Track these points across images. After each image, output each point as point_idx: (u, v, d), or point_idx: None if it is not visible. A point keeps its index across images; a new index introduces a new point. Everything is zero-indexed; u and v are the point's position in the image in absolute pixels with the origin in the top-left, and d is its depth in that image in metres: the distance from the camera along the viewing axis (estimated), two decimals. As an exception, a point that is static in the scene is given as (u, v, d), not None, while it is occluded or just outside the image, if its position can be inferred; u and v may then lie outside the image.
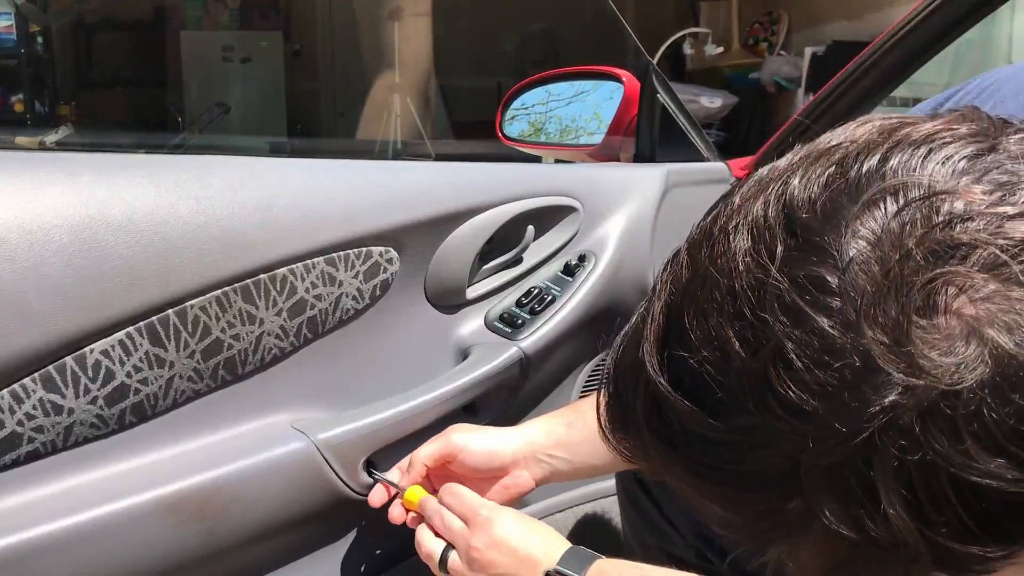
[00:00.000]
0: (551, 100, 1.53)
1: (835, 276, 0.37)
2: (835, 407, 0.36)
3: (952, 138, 0.39)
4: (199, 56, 6.10)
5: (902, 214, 0.37)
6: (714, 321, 0.39)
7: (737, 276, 0.39)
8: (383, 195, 0.94)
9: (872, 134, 0.41)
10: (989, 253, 0.35)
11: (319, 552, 0.92)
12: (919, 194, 0.37)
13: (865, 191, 0.38)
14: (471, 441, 0.87)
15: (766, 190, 0.41)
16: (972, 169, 0.38)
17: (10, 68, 5.81)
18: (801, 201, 0.39)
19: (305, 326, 0.88)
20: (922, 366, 0.35)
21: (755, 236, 0.39)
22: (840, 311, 0.36)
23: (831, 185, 0.39)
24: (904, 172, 0.38)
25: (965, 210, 0.36)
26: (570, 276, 1.09)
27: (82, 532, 0.73)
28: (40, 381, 0.72)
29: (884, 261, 0.36)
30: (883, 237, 0.36)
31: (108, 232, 0.74)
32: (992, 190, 0.37)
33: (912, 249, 0.36)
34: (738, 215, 0.41)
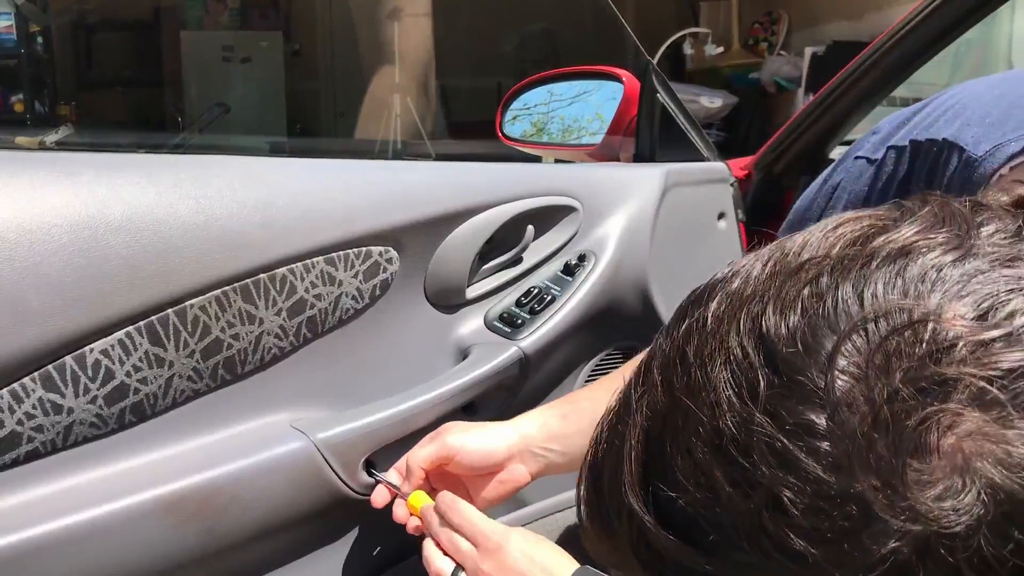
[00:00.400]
0: (551, 100, 1.53)
1: (823, 418, 0.35)
2: (833, 554, 0.35)
3: (927, 247, 0.38)
4: (199, 56, 6.11)
5: (885, 345, 0.35)
6: (700, 460, 0.38)
7: (721, 414, 0.37)
8: (383, 195, 0.94)
9: (845, 247, 0.40)
10: (977, 388, 0.34)
11: (319, 552, 0.92)
12: (901, 322, 0.36)
13: (844, 319, 0.37)
14: (466, 441, 0.87)
15: (739, 313, 0.39)
16: (951, 284, 0.37)
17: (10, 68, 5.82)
18: (779, 333, 0.37)
19: (305, 326, 0.88)
20: (919, 511, 0.34)
21: (735, 370, 0.38)
22: (831, 455, 0.35)
23: (808, 311, 0.37)
24: (883, 295, 0.37)
25: (949, 337, 0.35)
26: (570, 276, 1.09)
27: (82, 532, 0.73)
28: (40, 380, 0.72)
29: (872, 401, 0.35)
30: (868, 372, 0.35)
31: (108, 232, 0.74)
32: (973, 310, 0.36)
33: (899, 388, 0.35)
34: (713, 340, 0.39)
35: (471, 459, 0.87)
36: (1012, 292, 0.36)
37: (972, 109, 0.61)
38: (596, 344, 1.15)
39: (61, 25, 6.18)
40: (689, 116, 1.35)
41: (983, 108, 0.60)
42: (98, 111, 6.26)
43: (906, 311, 0.36)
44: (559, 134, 1.50)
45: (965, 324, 0.35)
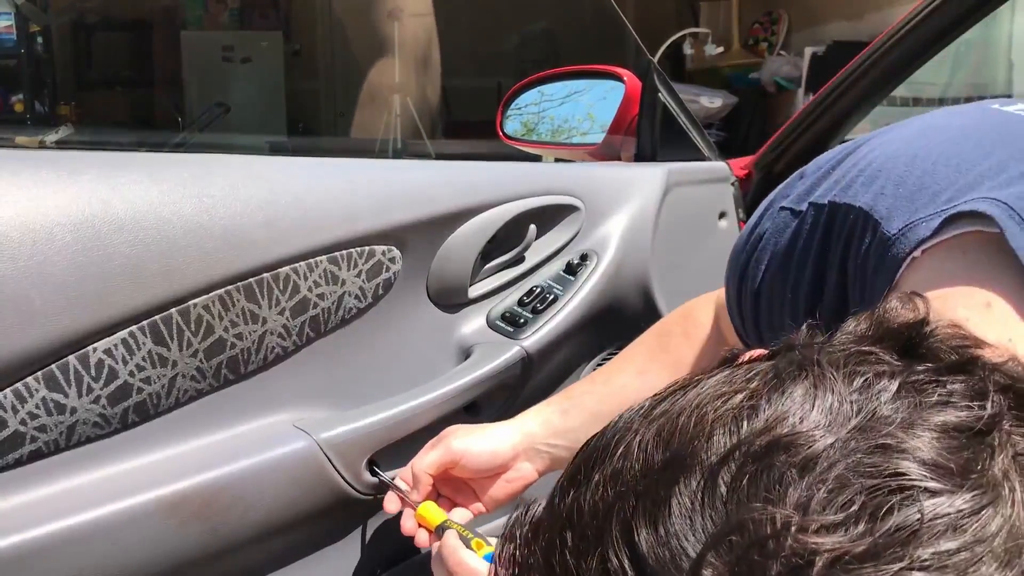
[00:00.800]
0: (552, 100, 1.53)
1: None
2: None
3: (793, 442, 0.37)
4: (199, 56, 6.10)
5: (747, 557, 0.35)
6: None
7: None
8: (385, 194, 0.94)
9: (716, 426, 0.39)
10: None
11: (322, 552, 0.92)
12: (760, 535, 0.35)
13: (709, 527, 0.37)
14: (471, 444, 0.87)
15: (613, 512, 0.39)
16: (815, 487, 0.36)
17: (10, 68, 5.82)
18: (648, 543, 0.38)
19: (308, 325, 0.88)
20: None
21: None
22: None
23: (676, 516, 0.37)
24: (746, 500, 0.37)
25: (808, 551, 0.34)
26: (572, 275, 1.09)
27: (85, 532, 0.73)
28: (43, 380, 0.72)
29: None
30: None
31: (111, 231, 0.74)
32: (834, 513, 0.35)
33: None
34: (591, 536, 0.40)
35: (477, 462, 0.87)
36: (875, 492, 0.35)
37: (887, 174, 0.60)
38: (598, 343, 1.15)
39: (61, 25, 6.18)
40: (690, 115, 1.35)
41: (898, 174, 0.59)
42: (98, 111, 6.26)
43: (766, 522, 0.35)
44: (560, 133, 1.50)
45: (823, 537, 0.34)
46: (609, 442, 0.42)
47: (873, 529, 0.34)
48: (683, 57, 6.21)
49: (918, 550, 0.34)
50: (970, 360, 0.41)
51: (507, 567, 0.44)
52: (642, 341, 0.95)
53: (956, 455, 0.36)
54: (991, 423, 0.38)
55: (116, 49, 6.49)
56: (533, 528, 0.43)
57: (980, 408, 0.38)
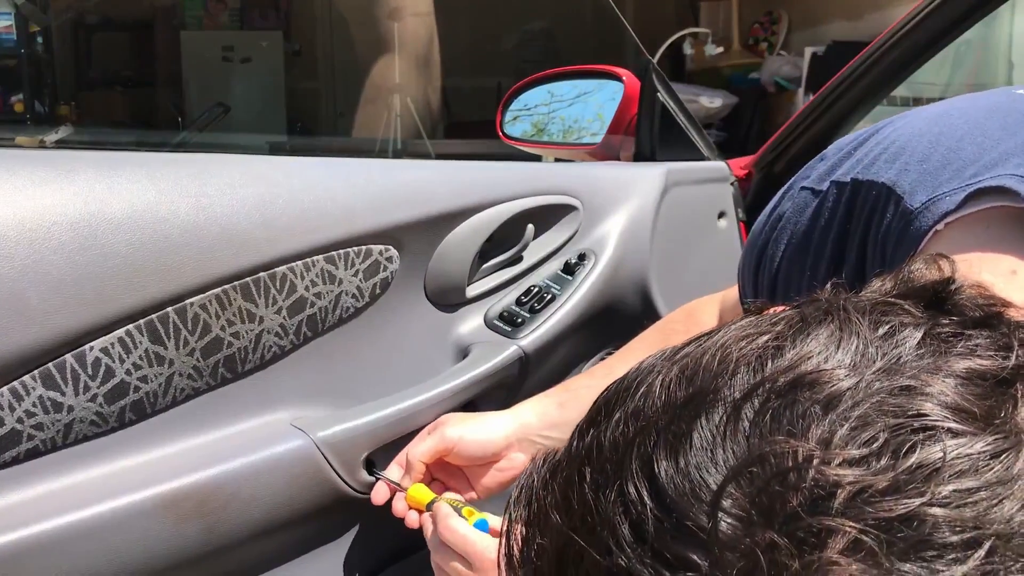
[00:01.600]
0: (552, 100, 1.53)
1: (707, 560, 0.36)
2: None
3: (817, 379, 0.38)
4: (199, 56, 6.10)
5: (768, 489, 0.35)
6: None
7: (613, 552, 0.38)
8: (383, 193, 0.94)
9: (740, 365, 0.40)
10: (853, 537, 0.34)
11: (319, 550, 0.92)
12: (782, 467, 0.36)
13: (731, 460, 0.37)
14: (464, 432, 0.88)
15: (633, 446, 0.39)
16: (838, 423, 0.36)
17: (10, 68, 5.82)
18: (669, 474, 0.38)
19: (305, 324, 0.88)
20: None
21: (627, 508, 0.38)
22: None
23: (696, 450, 0.38)
24: (769, 434, 0.37)
25: (829, 483, 0.35)
26: (570, 275, 1.09)
27: (81, 529, 0.73)
28: (40, 378, 0.72)
29: (752, 552, 0.35)
30: (751, 515, 0.36)
31: (108, 230, 0.74)
32: (857, 448, 0.35)
33: (777, 538, 0.35)
34: (609, 470, 0.40)
35: (470, 449, 0.87)
36: (898, 430, 0.36)
37: (911, 151, 0.60)
38: (596, 343, 1.15)
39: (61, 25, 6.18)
40: (689, 115, 1.35)
41: (922, 150, 0.59)
42: (98, 111, 6.26)
43: (788, 454, 0.36)
44: (560, 134, 1.50)
45: (846, 471, 0.35)
46: (631, 383, 0.43)
47: (895, 465, 0.35)
48: (683, 57, 6.21)
49: (940, 487, 0.34)
50: (995, 316, 0.41)
51: (525, 506, 0.44)
52: (644, 337, 0.96)
53: (979, 401, 0.37)
54: (1015, 374, 0.38)
55: (116, 49, 6.49)
56: (551, 468, 0.43)
57: (1004, 359, 0.38)
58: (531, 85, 1.55)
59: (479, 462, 0.88)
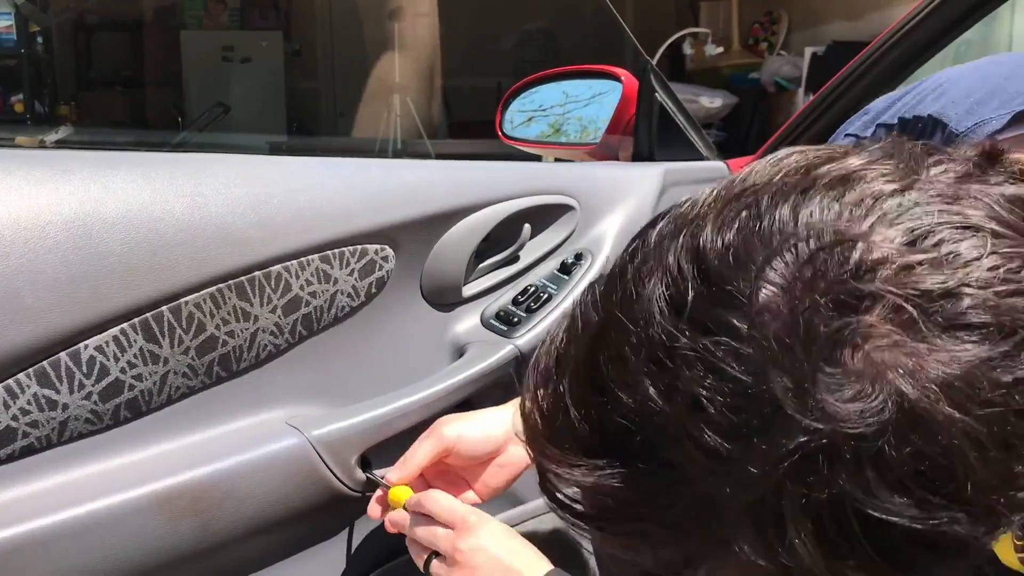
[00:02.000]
0: (551, 100, 1.53)
1: (745, 322, 0.38)
2: (748, 451, 0.38)
3: (869, 176, 0.40)
4: (199, 56, 6.10)
5: (813, 261, 0.37)
6: (632, 369, 0.40)
7: (651, 325, 0.40)
8: (378, 193, 0.94)
9: (790, 173, 0.42)
10: (894, 303, 0.36)
11: (313, 549, 0.92)
12: (829, 241, 0.38)
13: (777, 237, 0.39)
14: (463, 430, 0.86)
15: (680, 233, 0.41)
16: (886, 213, 0.39)
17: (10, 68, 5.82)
18: (714, 247, 0.39)
19: (300, 323, 0.88)
20: (827, 412, 0.36)
21: (668, 283, 0.40)
22: (750, 358, 0.37)
23: (744, 229, 0.40)
24: (817, 217, 0.39)
25: (874, 258, 0.37)
26: (566, 274, 1.09)
27: (76, 527, 0.73)
28: (34, 376, 0.72)
29: (793, 310, 0.37)
30: (793, 284, 0.37)
31: (102, 229, 0.74)
32: (903, 236, 0.38)
33: (819, 299, 0.37)
34: (653, 258, 0.41)
35: (471, 447, 0.86)
36: (943, 225, 0.38)
37: (958, 88, 0.62)
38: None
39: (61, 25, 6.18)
40: (688, 115, 1.35)
41: (968, 87, 0.62)
42: (98, 111, 6.26)
43: (837, 232, 0.38)
44: (557, 133, 1.50)
45: (892, 248, 0.37)
46: (680, 204, 0.44)
47: (940, 250, 0.37)
48: (683, 57, 6.21)
49: (981, 273, 0.37)
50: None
51: (562, 320, 0.45)
52: None
53: (1021, 219, 0.39)
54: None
55: (116, 49, 6.49)
56: (591, 288, 0.45)
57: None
58: (530, 85, 1.55)
59: (479, 460, 0.87)
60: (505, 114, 1.56)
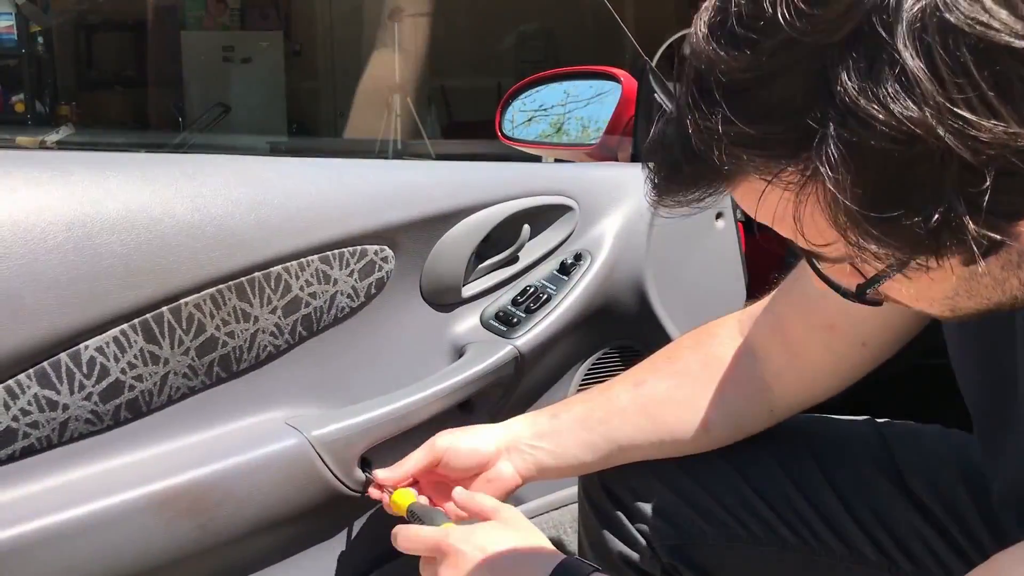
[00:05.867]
0: (551, 100, 1.53)
1: None
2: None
3: None
4: (199, 56, 6.11)
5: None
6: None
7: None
8: (378, 194, 0.94)
9: None
10: None
11: (313, 549, 0.92)
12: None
13: None
14: (454, 441, 0.87)
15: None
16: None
17: (11, 68, 5.82)
18: None
19: (300, 324, 0.88)
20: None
21: None
22: None
23: None
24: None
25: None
26: (566, 275, 1.09)
27: (76, 527, 0.73)
28: (35, 377, 0.72)
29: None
30: None
31: (103, 230, 0.74)
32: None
33: None
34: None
35: (459, 457, 0.87)
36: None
37: None
38: (592, 343, 1.15)
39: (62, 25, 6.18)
40: (687, 116, 1.35)
41: None
42: (99, 111, 6.26)
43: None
44: (557, 133, 1.51)
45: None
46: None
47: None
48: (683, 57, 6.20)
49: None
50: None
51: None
52: (649, 358, 0.94)
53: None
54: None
55: (117, 49, 6.49)
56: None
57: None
58: (530, 86, 1.56)
59: (469, 472, 0.87)
60: (505, 115, 1.57)
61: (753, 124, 0.45)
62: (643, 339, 1.18)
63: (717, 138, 0.46)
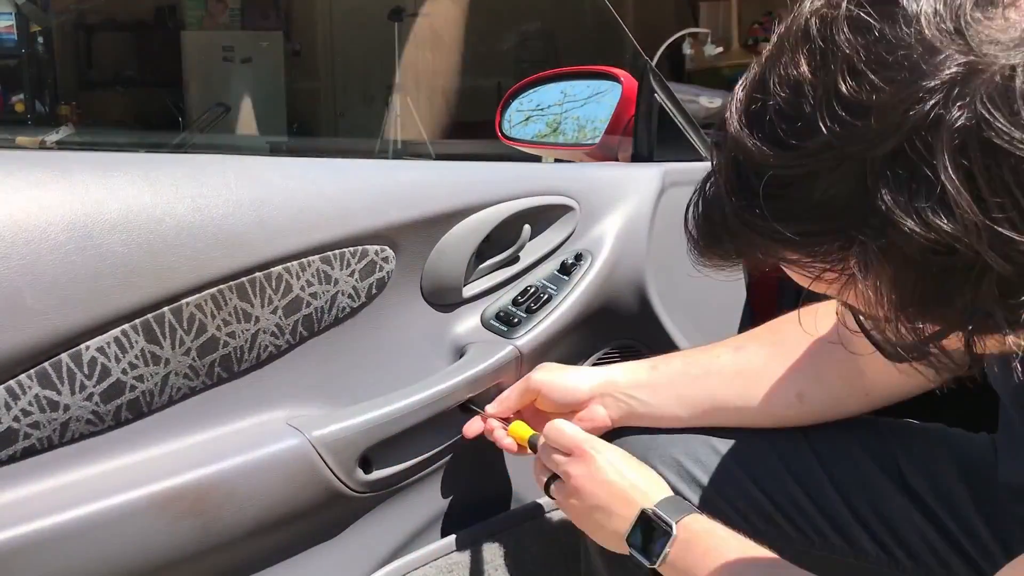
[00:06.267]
0: (550, 100, 1.53)
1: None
2: (896, 91, 0.41)
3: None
4: (199, 56, 6.11)
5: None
6: (789, 61, 0.44)
7: (811, 18, 0.44)
8: (379, 194, 0.94)
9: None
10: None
11: (314, 549, 0.92)
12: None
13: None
14: (551, 379, 0.93)
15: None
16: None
17: (11, 68, 5.83)
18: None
19: (301, 324, 0.88)
20: (980, 44, 0.39)
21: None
22: (903, 15, 0.41)
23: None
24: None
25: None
26: (566, 275, 1.09)
27: (77, 528, 0.73)
28: (36, 378, 0.72)
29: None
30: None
31: (104, 230, 0.74)
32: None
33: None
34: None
35: (554, 394, 0.92)
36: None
37: None
38: (593, 343, 1.15)
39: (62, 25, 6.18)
40: (688, 116, 1.35)
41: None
42: (99, 111, 6.27)
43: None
44: (557, 133, 1.51)
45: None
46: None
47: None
48: (683, 57, 6.21)
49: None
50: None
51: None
52: (752, 330, 0.98)
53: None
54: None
55: (116, 49, 6.50)
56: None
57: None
58: (530, 86, 1.56)
59: (564, 409, 0.92)
60: (505, 114, 1.57)
61: (793, 224, 0.46)
62: (644, 339, 1.18)
63: (758, 231, 0.47)
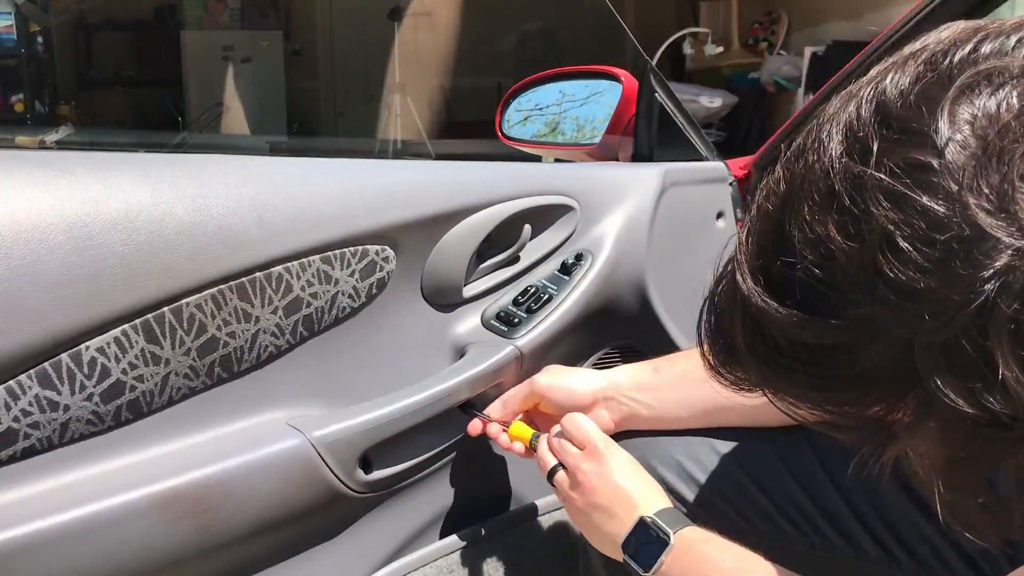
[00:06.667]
0: (550, 99, 1.53)
1: (934, 157, 0.38)
2: (947, 279, 0.37)
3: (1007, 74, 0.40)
4: (199, 56, 6.11)
5: (997, 94, 0.38)
6: (815, 220, 0.40)
7: (835, 176, 0.40)
8: (379, 194, 0.94)
9: (959, 33, 0.43)
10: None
11: (314, 550, 0.92)
12: (1013, 74, 0.38)
13: (957, 79, 0.39)
14: (554, 382, 0.93)
15: (857, 96, 0.42)
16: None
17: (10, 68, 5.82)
18: (893, 98, 0.40)
19: (301, 324, 0.88)
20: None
21: (849, 137, 0.40)
22: (942, 187, 0.37)
23: (922, 80, 0.40)
24: (996, 57, 0.39)
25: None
26: (567, 275, 1.09)
27: (77, 528, 0.73)
28: (36, 378, 0.72)
29: (982, 136, 0.37)
30: (979, 116, 0.38)
31: (104, 230, 0.74)
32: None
33: (1010, 122, 0.37)
34: (830, 123, 0.42)
35: (558, 398, 0.92)
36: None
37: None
38: (593, 343, 1.15)
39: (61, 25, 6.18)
40: (688, 116, 1.35)
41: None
42: (98, 111, 6.26)
43: (1018, 67, 0.39)
44: (557, 133, 1.50)
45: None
46: (838, 81, 0.47)
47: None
48: (683, 57, 6.21)
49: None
50: None
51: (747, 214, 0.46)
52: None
53: None
54: None
55: (116, 49, 6.49)
56: (767, 178, 0.46)
57: None
58: (530, 86, 1.55)
59: (565, 412, 0.92)
60: (505, 114, 1.57)
61: (831, 393, 0.43)
62: (644, 339, 1.18)
63: (790, 394, 0.45)
